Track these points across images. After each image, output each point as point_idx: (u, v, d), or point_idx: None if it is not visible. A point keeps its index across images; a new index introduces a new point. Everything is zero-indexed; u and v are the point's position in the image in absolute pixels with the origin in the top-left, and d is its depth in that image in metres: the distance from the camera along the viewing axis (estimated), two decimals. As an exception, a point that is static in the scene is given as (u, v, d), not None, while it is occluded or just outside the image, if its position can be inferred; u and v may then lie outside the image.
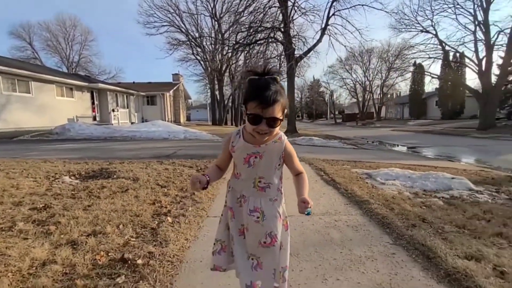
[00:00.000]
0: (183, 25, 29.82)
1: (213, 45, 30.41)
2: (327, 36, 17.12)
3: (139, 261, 1.85)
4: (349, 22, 16.40)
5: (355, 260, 1.97)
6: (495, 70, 21.03)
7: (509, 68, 20.49)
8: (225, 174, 1.41)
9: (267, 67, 1.16)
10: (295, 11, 16.76)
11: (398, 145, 12.32)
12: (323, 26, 17.02)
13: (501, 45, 19.00)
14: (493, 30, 18.74)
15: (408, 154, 9.33)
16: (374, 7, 16.42)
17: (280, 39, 17.97)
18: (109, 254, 1.96)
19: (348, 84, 48.68)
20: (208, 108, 45.57)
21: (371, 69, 44.40)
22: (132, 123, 24.50)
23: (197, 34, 30.69)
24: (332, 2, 16.62)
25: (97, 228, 2.33)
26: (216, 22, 29.79)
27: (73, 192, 3.29)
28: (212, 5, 28.80)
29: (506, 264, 1.80)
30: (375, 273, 1.81)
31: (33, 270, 1.72)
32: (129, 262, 1.84)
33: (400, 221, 2.58)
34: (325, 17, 16.84)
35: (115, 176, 4.10)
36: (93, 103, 21.53)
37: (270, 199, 1.23)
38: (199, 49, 31.21)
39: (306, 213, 1.10)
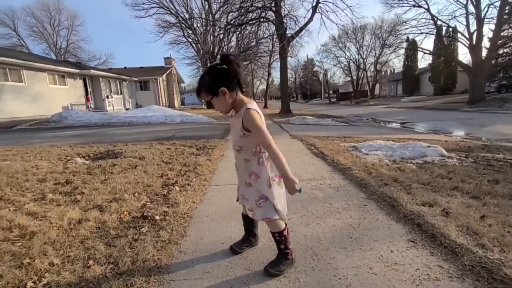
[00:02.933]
0: (172, 6, 29.09)
1: (204, 27, 29.93)
2: (318, 15, 17.07)
3: (157, 217, 2.26)
4: (340, -1, 16.32)
5: (334, 211, 2.41)
6: (485, 44, 21.21)
7: (499, 42, 20.72)
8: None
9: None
10: (286, -11, 16.58)
11: (388, 122, 12.74)
12: (314, 4, 16.92)
13: (492, 18, 19.09)
14: (484, 3, 18.84)
15: (396, 129, 9.77)
16: (365, -17, 16.25)
17: (271, 19, 17.87)
18: (131, 214, 2.37)
19: (342, 63, 48.36)
20: (202, 91, 45.12)
21: (365, 46, 44.08)
22: (126, 109, 24.55)
23: (187, 16, 30.05)
24: (323, -22, 16.46)
25: (116, 196, 2.74)
26: (206, 2, 29.16)
27: (88, 170, 3.68)
28: (201, -16, 28.08)
29: (453, 208, 2.24)
30: (348, 218, 2.25)
31: (72, 226, 2.13)
32: (149, 218, 2.26)
33: (375, 181, 3.02)
34: (316, -6, 16.72)
35: (122, 156, 4.47)
36: (86, 90, 21.50)
37: (244, 159, 1.58)
38: (190, 31, 30.67)
39: (298, 192, 1.37)
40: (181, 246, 1.91)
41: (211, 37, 29.78)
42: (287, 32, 17.27)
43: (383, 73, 47.71)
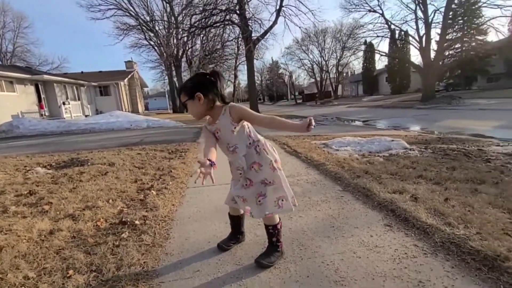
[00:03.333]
0: (131, 8, 27.94)
1: (166, 29, 29.20)
2: (282, 18, 17.54)
3: (137, 222, 2.18)
4: (302, 3, 16.92)
5: (313, 204, 2.50)
6: (434, 46, 23.16)
7: (445, 44, 22.78)
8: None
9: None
10: (250, -8, 16.82)
11: (352, 120, 13.41)
12: (277, 7, 17.36)
13: (438, 23, 20.99)
14: (430, 9, 20.63)
15: (360, 127, 10.32)
16: (324, -12, 17.00)
17: (236, 21, 17.98)
18: (108, 220, 2.26)
19: (306, 65, 49.92)
20: (167, 95, 44.00)
21: (326, 48, 45.92)
22: (86, 116, 23.12)
23: (148, 18, 29.14)
24: (285, -17, 16.93)
25: (89, 204, 2.59)
26: (167, 5, 28.50)
27: (53, 179, 3.42)
28: (161, -14, 27.39)
29: (420, 193, 2.44)
30: (328, 210, 2.35)
31: (43, 238, 1.98)
32: (128, 223, 2.17)
33: (348, 174, 3.18)
34: (279, -2, 17.15)
35: (89, 163, 4.22)
36: (39, 96, 19.88)
37: (243, 156, 1.60)
38: (151, 34, 29.76)
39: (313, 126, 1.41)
40: (166, 248, 1.86)
41: (175, 40, 29.12)
42: (253, 35, 17.48)
43: (344, 74, 50.06)
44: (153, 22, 29.29)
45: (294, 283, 1.45)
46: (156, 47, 30.80)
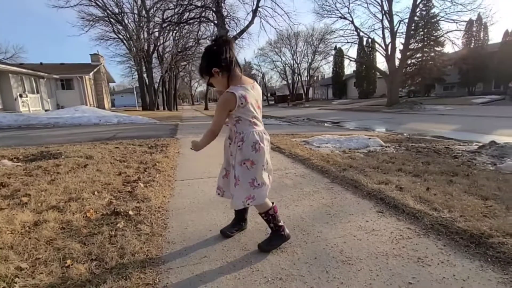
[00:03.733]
0: (98, -2, 26.38)
1: (136, 23, 28.03)
2: (258, 18, 17.66)
3: (131, 212, 2.10)
4: (278, 5, 17.22)
5: (306, 194, 2.57)
6: (398, 55, 24.70)
7: (408, 53, 24.39)
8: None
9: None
10: (227, -9, 16.72)
11: (325, 121, 13.87)
12: (254, 7, 17.43)
13: (402, 32, 22.42)
14: (396, 19, 21.91)
15: (334, 127, 10.72)
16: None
17: (212, 19, 17.77)
18: (98, 212, 2.14)
19: (278, 67, 50.78)
20: (135, 92, 42.31)
21: (299, 52, 47.08)
22: (46, 110, 21.47)
23: (116, 10, 27.73)
24: (262, -16, 17.05)
25: (73, 195, 2.44)
26: (138, -4, 27.37)
27: (26, 171, 3.16)
28: (132, -24, 26.26)
29: (404, 184, 2.62)
30: (321, 199, 2.44)
31: (28, 229, 1.84)
32: (122, 214, 2.08)
33: (335, 168, 3.31)
34: (256, -2, 17.24)
35: (64, 156, 3.95)
36: (-9, 87, 18.12)
37: (235, 131, 1.61)
38: (120, 27, 28.39)
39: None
40: (166, 237, 1.82)
41: (145, 35, 28.03)
42: (229, 34, 17.40)
43: (315, 78, 51.54)
44: (122, 14, 27.99)
45: (303, 264, 1.50)
46: (125, 41, 29.40)
